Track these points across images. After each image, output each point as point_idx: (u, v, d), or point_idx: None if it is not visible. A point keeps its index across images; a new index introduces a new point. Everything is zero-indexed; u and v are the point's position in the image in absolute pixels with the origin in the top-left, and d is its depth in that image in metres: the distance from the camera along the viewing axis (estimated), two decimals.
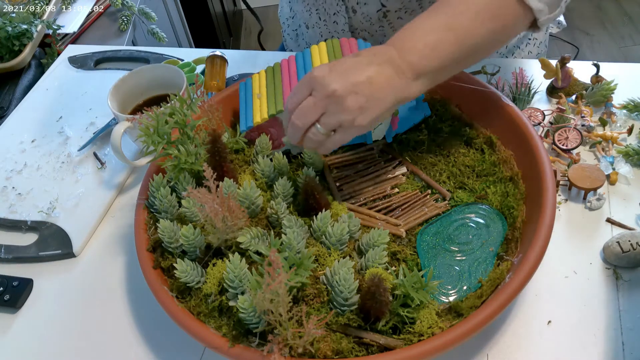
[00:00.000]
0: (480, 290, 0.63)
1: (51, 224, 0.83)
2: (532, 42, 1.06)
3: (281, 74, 0.79)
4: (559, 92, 0.87)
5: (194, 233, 0.65)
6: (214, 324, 0.61)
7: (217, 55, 0.99)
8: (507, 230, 0.69)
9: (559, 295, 0.67)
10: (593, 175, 0.74)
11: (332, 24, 1.00)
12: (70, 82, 1.09)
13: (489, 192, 0.73)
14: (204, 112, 0.74)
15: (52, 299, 0.76)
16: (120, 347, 0.69)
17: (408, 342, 0.58)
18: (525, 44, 1.05)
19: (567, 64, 0.86)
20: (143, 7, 1.45)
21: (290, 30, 1.16)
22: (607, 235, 0.71)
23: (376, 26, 0.96)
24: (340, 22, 0.98)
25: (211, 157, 0.69)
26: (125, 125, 0.80)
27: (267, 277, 0.50)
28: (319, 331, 0.53)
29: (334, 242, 0.65)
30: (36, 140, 0.98)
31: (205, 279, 0.64)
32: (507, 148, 0.75)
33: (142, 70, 0.89)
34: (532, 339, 0.64)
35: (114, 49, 1.15)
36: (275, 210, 0.68)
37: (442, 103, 0.82)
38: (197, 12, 2.36)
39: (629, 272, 0.68)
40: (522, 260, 0.61)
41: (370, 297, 0.57)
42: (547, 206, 0.64)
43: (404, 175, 0.77)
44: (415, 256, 0.68)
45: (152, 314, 0.71)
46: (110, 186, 0.87)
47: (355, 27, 0.99)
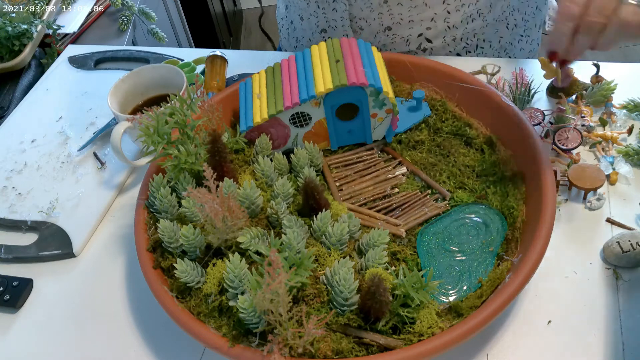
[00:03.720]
0: (480, 290, 0.63)
1: (51, 224, 0.83)
2: (525, 40, 1.06)
3: (281, 74, 0.79)
4: (559, 92, 0.87)
5: (194, 233, 0.65)
6: (214, 324, 0.61)
7: (217, 55, 0.99)
8: (507, 230, 0.69)
9: (559, 295, 0.67)
10: (593, 175, 0.74)
11: (331, 11, 0.99)
12: (70, 82, 1.09)
13: (489, 192, 0.73)
14: (204, 112, 0.74)
15: (52, 299, 0.76)
16: (120, 347, 0.69)
17: (408, 342, 0.58)
18: (518, 40, 1.05)
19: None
20: (143, 7, 1.45)
21: (284, 29, 1.16)
22: (607, 235, 0.71)
23: (375, 13, 0.96)
24: (339, 9, 0.98)
25: (211, 157, 0.69)
26: (125, 125, 0.80)
27: (267, 277, 0.50)
28: (319, 331, 0.53)
29: (334, 242, 0.65)
30: (36, 140, 0.98)
31: (205, 279, 0.64)
32: (507, 148, 0.75)
33: (142, 70, 0.89)
34: (532, 339, 0.64)
35: (114, 49, 1.15)
36: (275, 210, 0.68)
37: (442, 103, 0.82)
38: (197, 12, 2.37)
39: (629, 272, 0.68)
40: (522, 260, 0.61)
41: (370, 297, 0.57)
42: (547, 206, 0.64)
43: (404, 175, 0.77)
44: (415, 256, 0.68)
45: (152, 314, 0.71)
46: (110, 186, 0.87)
47: (354, 14, 0.98)
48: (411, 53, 1.01)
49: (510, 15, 1.01)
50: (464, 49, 1.01)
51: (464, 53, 1.02)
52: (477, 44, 1.01)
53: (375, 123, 0.78)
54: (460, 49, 1.01)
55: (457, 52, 1.02)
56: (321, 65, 0.76)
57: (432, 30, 0.98)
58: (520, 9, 1.02)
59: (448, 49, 1.01)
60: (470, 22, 0.98)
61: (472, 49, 1.02)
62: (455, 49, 1.01)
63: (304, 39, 1.09)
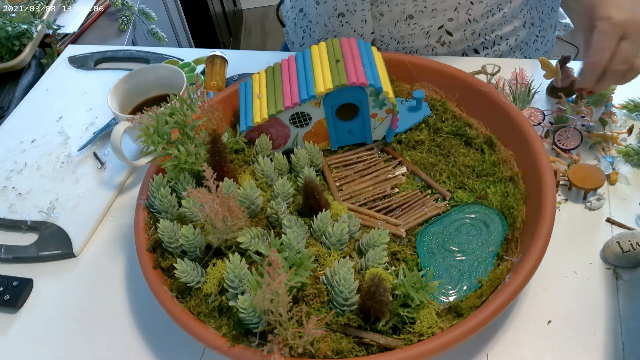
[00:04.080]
0: (480, 290, 0.63)
1: (51, 224, 0.83)
2: (540, 40, 1.06)
3: (281, 74, 0.79)
4: (559, 92, 0.87)
5: (194, 233, 0.65)
6: (214, 324, 0.61)
7: (217, 55, 0.99)
8: (507, 230, 0.69)
9: (559, 295, 0.67)
10: (593, 175, 0.74)
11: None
12: (70, 82, 1.09)
13: (489, 192, 0.73)
14: (204, 112, 0.74)
15: (52, 299, 0.76)
16: (120, 347, 0.69)
17: (408, 342, 0.58)
18: (533, 40, 1.05)
19: (567, 64, 0.86)
20: (143, 7, 1.45)
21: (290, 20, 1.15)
22: (607, 235, 0.71)
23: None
24: None
25: (211, 157, 0.69)
26: (125, 125, 0.80)
27: (267, 277, 0.50)
28: (319, 331, 0.53)
29: (334, 242, 0.65)
30: (36, 140, 0.98)
31: (205, 279, 0.64)
32: (507, 148, 0.75)
33: (142, 70, 0.89)
34: (532, 339, 0.64)
35: (114, 49, 1.15)
36: (275, 210, 0.68)
37: (442, 103, 0.82)
38: (197, 12, 2.37)
39: (629, 272, 0.68)
40: (522, 260, 0.61)
41: (370, 297, 0.57)
42: (547, 206, 0.64)
43: (404, 175, 0.77)
44: (415, 256, 0.68)
45: (152, 314, 0.71)
46: (110, 186, 0.87)
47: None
48: (429, 47, 1.00)
49: (527, 13, 1.01)
50: (481, 44, 1.01)
51: (481, 49, 1.02)
52: (494, 41, 1.01)
53: (375, 123, 0.78)
54: (478, 44, 1.01)
55: (474, 47, 1.01)
56: (321, 65, 0.76)
57: (454, 22, 0.97)
58: (537, 7, 1.03)
59: (466, 43, 1.00)
60: (490, 16, 0.98)
61: (490, 45, 1.02)
62: (473, 44, 1.01)
63: (317, 25, 1.06)
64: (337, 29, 1.03)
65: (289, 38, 1.20)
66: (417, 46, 1.01)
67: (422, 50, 1.01)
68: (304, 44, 1.13)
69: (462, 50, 1.01)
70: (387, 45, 1.02)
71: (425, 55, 1.01)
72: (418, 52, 1.02)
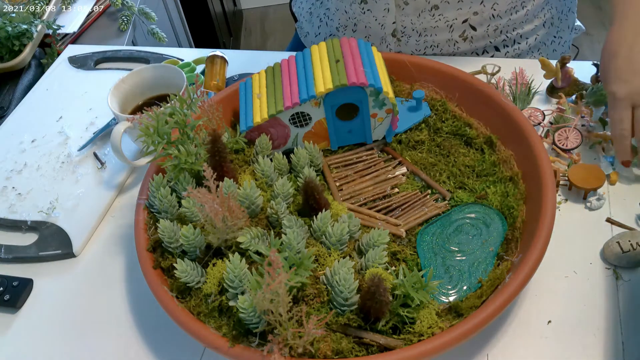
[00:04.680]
0: (480, 290, 0.63)
1: (51, 224, 0.83)
2: (557, 41, 1.06)
3: (281, 74, 0.79)
4: (559, 92, 0.87)
5: (194, 233, 0.65)
6: (214, 324, 0.61)
7: (217, 55, 0.99)
8: (507, 230, 0.69)
9: (559, 295, 0.67)
10: (593, 175, 0.74)
11: None
12: (70, 82, 1.09)
13: (489, 192, 0.73)
14: (204, 112, 0.74)
15: (52, 299, 0.76)
16: (120, 347, 0.69)
17: (408, 342, 0.58)
18: (551, 41, 1.05)
19: (567, 64, 0.86)
20: (143, 7, 1.45)
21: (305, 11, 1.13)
22: (607, 235, 0.71)
23: None
24: None
25: (211, 157, 0.69)
26: (125, 125, 0.80)
27: (267, 277, 0.50)
28: (319, 331, 0.53)
29: (334, 242, 0.65)
30: (36, 140, 0.98)
31: (205, 279, 0.64)
32: (507, 148, 0.75)
33: (142, 70, 0.89)
34: (532, 339, 0.64)
35: (114, 49, 1.15)
36: (275, 210, 0.68)
37: (442, 103, 0.82)
38: (197, 12, 2.36)
39: (629, 272, 0.68)
40: (522, 260, 0.61)
41: (370, 297, 0.57)
42: (547, 206, 0.64)
43: (404, 175, 0.77)
44: (415, 256, 0.68)
45: (152, 314, 0.71)
46: (110, 186, 0.87)
47: None
48: (451, 41, 0.99)
49: (548, 12, 1.02)
50: (502, 41, 1.01)
51: (502, 47, 1.02)
52: (514, 39, 1.01)
53: (375, 123, 0.78)
54: (500, 41, 1.01)
55: (495, 44, 1.01)
56: (321, 65, 0.76)
57: (478, 16, 0.96)
58: (558, 7, 1.03)
59: (488, 39, 1.00)
60: (514, 12, 0.97)
61: (510, 43, 1.02)
62: (494, 41, 1.00)
63: (337, 12, 1.04)
64: (358, 16, 1.01)
65: (302, 30, 1.18)
66: (439, 40, 0.99)
67: (444, 45, 1.00)
68: (320, 34, 1.12)
69: (483, 46, 1.01)
70: (408, 37, 1.00)
71: (447, 50, 1.01)
72: (439, 47, 1.00)
